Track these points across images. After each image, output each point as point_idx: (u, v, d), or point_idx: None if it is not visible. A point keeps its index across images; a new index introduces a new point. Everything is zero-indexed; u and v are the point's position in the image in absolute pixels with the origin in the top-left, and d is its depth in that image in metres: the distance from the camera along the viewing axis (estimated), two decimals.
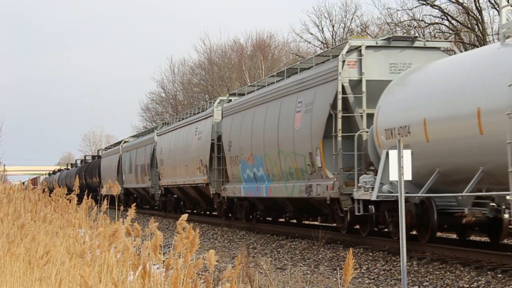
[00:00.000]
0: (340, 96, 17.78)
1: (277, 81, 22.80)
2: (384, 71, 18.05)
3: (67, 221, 11.45)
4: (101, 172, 49.96)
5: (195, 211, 34.52)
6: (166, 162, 33.45)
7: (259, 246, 19.75)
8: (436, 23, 38.21)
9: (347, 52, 18.09)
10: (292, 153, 20.04)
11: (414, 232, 16.08)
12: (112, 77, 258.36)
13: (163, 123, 40.34)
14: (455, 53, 18.70)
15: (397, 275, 13.30)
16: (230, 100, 27.03)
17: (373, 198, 15.75)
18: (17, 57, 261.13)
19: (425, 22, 38.62)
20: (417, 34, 22.40)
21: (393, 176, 10.57)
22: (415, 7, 39.99)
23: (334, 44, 50.11)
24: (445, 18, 38.00)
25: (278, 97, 21.43)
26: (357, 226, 18.27)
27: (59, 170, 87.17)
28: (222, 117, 26.40)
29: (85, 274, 5.42)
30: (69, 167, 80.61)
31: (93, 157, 65.10)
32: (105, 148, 58.71)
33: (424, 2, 38.72)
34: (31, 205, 14.64)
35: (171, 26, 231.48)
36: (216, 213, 28.02)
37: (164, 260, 6.53)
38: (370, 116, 17.26)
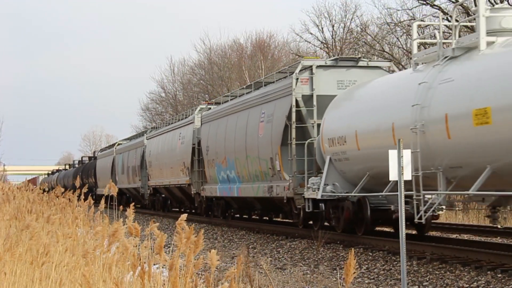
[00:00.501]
0: (294, 109, 20.62)
1: (246, 93, 25.66)
2: (332, 87, 20.89)
3: (67, 221, 11.45)
4: (96, 172, 52.67)
5: (182, 210, 36.69)
6: (154, 164, 36.37)
7: (258, 246, 19.76)
8: (436, 23, 38.28)
9: (300, 70, 20.96)
10: (257, 158, 22.99)
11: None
12: (112, 77, 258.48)
13: (152, 128, 43.80)
14: (394, 71, 21.43)
15: (397, 275, 13.31)
16: (209, 108, 30.30)
17: (318, 197, 18.59)
18: (17, 57, 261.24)
19: (424, 22, 38.55)
20: (360, 55, 24.51)
21: (393, 176, 10.58)
22: (415, 7, 39.99)
23: (334, 44, 50.13)
24: (445, 18, 38.00)
25: (246, 108, 24.38)
26: (311, 222, 20.92)
27: (58, 171, 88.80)
28: (201, 124, 29.52)
29: (87, 274, 5.43)
30: (67, 167, 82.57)
31: (89, 158, 67.44)
32: (100, 150, 61.52)
33: (424, 2, 38.73)
34: (34, 206, 14.63)
35: (171, 26, 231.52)
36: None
37: (166, 260, 6.53)
38: (319, 126, 19.90)
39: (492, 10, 14.52)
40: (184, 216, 7.09)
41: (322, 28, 51.06)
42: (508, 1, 34.88)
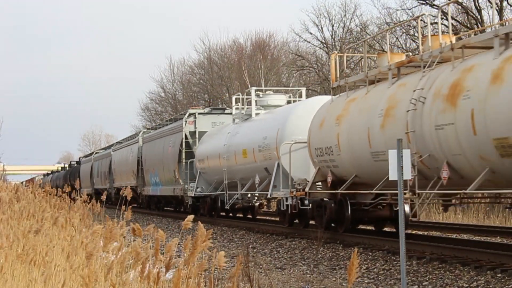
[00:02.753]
0: (184, 140, 32.40)
1: (167, 125, 38.36)
2: (209, 126, 32.33)
3: (66, 221, 11.47)
4: (80, 175, 63.19)
5: (135, 205, 42.84)
6: (116, 170, 48.05)
7: (258, 246, 19.77)
8: (436, 23, 38.25)
9: (188, 116, 32.81)
10: (168, 169, 34.74)
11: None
12: (112, 76, 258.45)
13: (116, 142, 56.17)
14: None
15: (396, 274, 13.32)
16: (150, 132, 42.26)
17: (192, 195, 30.71)
18: (17, 56, 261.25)
19: (424, 22, 38.61)
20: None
21: (393, 175, 10.59)
22: (415, 6, 40.03)
23: (333, 44, 50.13)
24: (445, 18, 38.02)
25: (164, 136, 36.52)
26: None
27: (52, 172, 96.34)
28: (143, 143, 41.53)
29: (90, 275, 5.43)
30: (60, 169, 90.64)
31: (76, 162, 77.55)
32: (84, 156, 74.78)
33: (424, 2, 38.75)
34: (38, 206, 14.66)
35: (171, 26, 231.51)
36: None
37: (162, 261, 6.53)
38: None
39: (262, 96, 27.25)
40: (190, 217, 7.23)
41: (321, 28, 51.11)
42: (507, 0, 34.90)
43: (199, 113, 32.49)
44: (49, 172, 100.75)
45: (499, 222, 24.62)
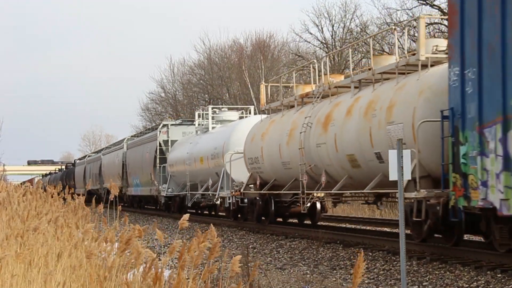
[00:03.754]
0: (158, 148, 37.42)
1: (147, 133, 43.42)
2: (179, 136, 37.13)
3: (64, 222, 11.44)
4: (75, 176, 68.25)
5: (121, 204, 48.10)
6: (105, 173, 52.43)
7: (258, 246, 19.78)
8: (436, 23, 38.25)
9: (162, 126, 37.97)
10: (146, 172, 39.64)
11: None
12: (112, 76, 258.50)
13: (105, 147, 62.31)
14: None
15: (396, 274, 13.31)
16: (133, 139, 47.14)
17: (164, 195, 35.84)
18: (17, 56, 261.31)
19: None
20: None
21: (393, 175, 10.59)
22: (415, 7, 40.04)
23: (333, 44, 50.13)
24: (445, 18, 38.00)
25: (143, 143, 41.45)
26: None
27: (50, 173, 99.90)
28: (127, 149, 46.13)
29: (92, 274, 5.42)
30: (57, 171, 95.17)
31: (72, 164, 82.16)
32: (78, 159, 79.49)
33: (424, 2, 38.75)
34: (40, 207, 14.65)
35: (171, 26, 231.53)
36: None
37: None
38: None
39: (219, 112, 32.75)
40: (186, 216, 7.16)
41: (321, 28, 51.12)
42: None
43: (171, 124, 38.26)
44: (47, 173, 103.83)
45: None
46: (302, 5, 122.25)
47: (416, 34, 34.79)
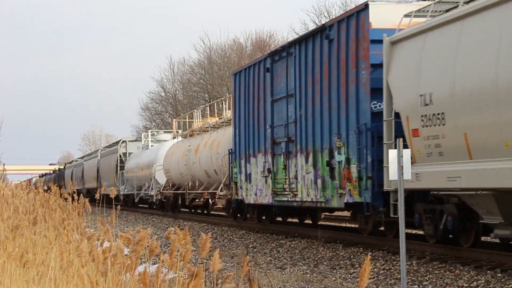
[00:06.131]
0: (118, 158, 48.36)
1: (112, 146, 54.87)
2: (135, 149, 47.61)
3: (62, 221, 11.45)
4: (64, 178, 77.29)
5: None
6: (86, 176, 62.24)
7: (258, 246, 19.77)
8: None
9: (121, 142, 49.36)
10: (111, 176, 50.20)
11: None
12: (112, 76, 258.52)
13: (87, 155, 75.01)
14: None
15: (396, 274, 13.30)
16: (105, 149, 57.56)
17: (122, 193, 46.68)
18: (17, 56, 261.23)
19: None
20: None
21: (393, 175, 10.57)
22: None
23: None
24: None
25: (109, 154, 53.07)
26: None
27: (45, 175, 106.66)
28: (100, 158, 56.09)
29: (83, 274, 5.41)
30: (51, 172, 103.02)
31: (64, 166, 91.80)
32: (69, 162, 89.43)
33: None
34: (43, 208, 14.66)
35: (171, 26, 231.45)
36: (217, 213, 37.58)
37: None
38: None
39: (156, 134, 46.87)
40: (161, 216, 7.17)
41: None
42: None
43: (129, 141, 50.40)
44: (43, 173, 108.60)
45: None
46: (302, 5, 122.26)
47: None
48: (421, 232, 20.07)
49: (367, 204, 16.19)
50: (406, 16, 15.32)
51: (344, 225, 25.34)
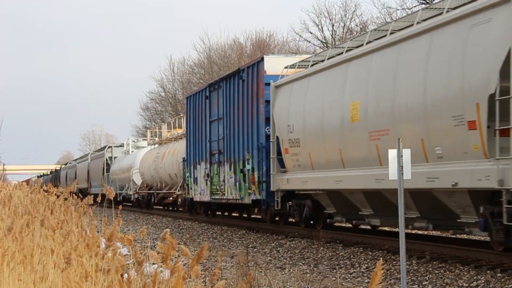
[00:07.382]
0: (105, 162, 54.68)
1: (100, 151, 60.98)
2: (119, 154, 53.76)
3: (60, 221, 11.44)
4: (60, 179, 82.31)
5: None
6: (78, 176, 65.95)
7: (258, 245, 19.76)
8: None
9: (107, 147, 56.50)
10: (99, 178, 55.57)
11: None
12: (112, 76, 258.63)
13: (80, 157, 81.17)
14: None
15: (396, 274, 13.29)
16: (95, 153, 64.65)
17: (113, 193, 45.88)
18: (17, 56, 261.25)
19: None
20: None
21: (393, 175, 10.56)
22: (414, 6, 40.04)
23: (334, 43, 50.13)
24: None
25: (97, 158, 59.12)
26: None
27: (44, 175, 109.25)
28: (90, 161, 62.35)
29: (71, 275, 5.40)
30: (49, 173, 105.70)
31: (60, 167, 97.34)
32: (65, 163, 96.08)
33: (424, 2, 38.74)
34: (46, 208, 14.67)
35: (171, 25, 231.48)
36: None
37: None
38: None
39: (136, 141, 55.23)
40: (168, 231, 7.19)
41: (321, 27, 51.16)
42: None
43: (114, 146, 56.16)
44: (42, 174, 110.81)
45: None
46: (303, 4, 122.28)
47: None
48: (421, 232, 20.12)
49: (264, 201, 22.48)
50: (285, 67, 21.49)
51: (344, 225, 25.33)
